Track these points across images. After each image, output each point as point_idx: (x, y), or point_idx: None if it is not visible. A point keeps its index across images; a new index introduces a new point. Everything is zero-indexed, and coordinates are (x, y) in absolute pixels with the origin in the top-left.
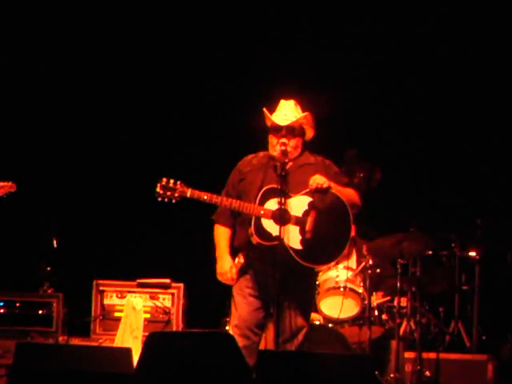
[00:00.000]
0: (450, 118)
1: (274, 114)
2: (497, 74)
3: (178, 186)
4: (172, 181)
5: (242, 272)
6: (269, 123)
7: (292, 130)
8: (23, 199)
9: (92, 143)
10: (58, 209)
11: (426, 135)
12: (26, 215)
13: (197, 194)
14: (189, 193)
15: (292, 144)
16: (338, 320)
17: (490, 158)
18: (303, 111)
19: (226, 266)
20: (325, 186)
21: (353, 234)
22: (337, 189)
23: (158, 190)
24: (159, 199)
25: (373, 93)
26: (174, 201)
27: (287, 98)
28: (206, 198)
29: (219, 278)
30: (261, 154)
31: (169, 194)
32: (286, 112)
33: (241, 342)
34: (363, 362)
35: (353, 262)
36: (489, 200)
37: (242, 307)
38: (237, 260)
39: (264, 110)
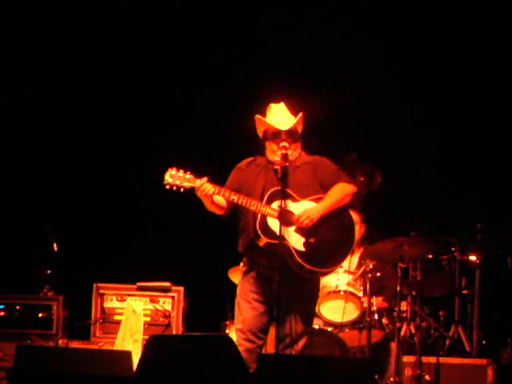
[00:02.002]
0: (450, 122)
1: (269, 119)
2: (497, 77)
3: (188, 176)
4: (182, 170)
5: (246, 276)
6: (262, 129)
7: (292, 134)
8: (24, 202)
9: (93, 147)
10: (59, 212)
11: (426, 139)
12: (26, 218)
13: (205, 187)
14: (197, 183)
15: (293, 147)
16: (338, 324)
17: (490, 162)
18: (293, 112)
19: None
20: (310, 225)
21: (358, 237)
22: (324, 205)
23: (166, 177)
24: (167, 187)
25: (373, 96)
26: (182, 189)
27: (276, 101)
28: (214, 191)
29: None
30: (259, 158)
31: (178, 183)
32: (281, 116)
33: (245, 345)
34: (363, 365)
35: (354, 263)
36: (489, 204)
37: (247, 311)
38: (241, 265)
39: (258, 116)
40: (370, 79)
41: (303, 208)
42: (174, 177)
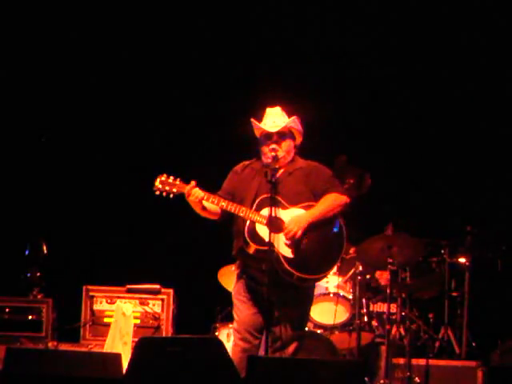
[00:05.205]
0: (440, 125)
1: (263, 123)
2: (485, 82)
3: (178, 183)
4: (172, 177)
5: (239, 278)
6: (258, 133)
7: (282, 135)
8: (13, 205)
9: (83, 151)
10: (48, 214)
11: (416, 141)
12: (15, 220)
13: (194, 192)
14: (186, 188)
15: (284, 148)
16: (328, 326)
17: (480, 164)
18: (289, 116)
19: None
20: (297, 235)
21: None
22: (313, 213)
23: (156, 183)
24: (157, 193)
25: (361, 99)
26: (171, 196)
27: (272, 105)
28: (203, 196)
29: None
30: (254, 161)
31: (167, 188)
32: (275, 119)
33: (241, 345)
34: (353, 368)
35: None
36: (479, 207)
37: (242, 311)
38: (233, 268)
39: (252, 120)
40: (358, 81)
41: (292, 215)
42: (164, 183)
